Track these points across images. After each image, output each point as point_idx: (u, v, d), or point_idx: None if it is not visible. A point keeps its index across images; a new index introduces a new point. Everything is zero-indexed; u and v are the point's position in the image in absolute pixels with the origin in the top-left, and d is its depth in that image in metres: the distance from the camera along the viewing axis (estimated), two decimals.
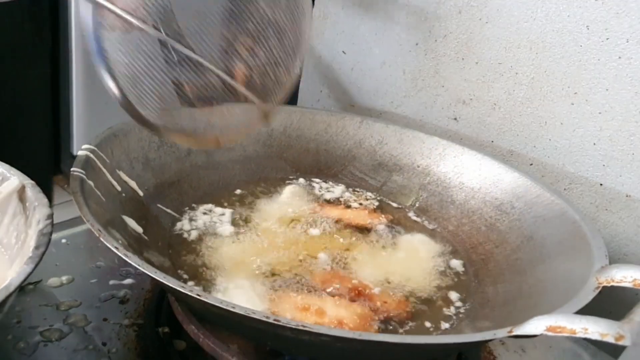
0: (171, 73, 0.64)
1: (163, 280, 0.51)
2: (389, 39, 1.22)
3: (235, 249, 0.81)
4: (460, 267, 0.86)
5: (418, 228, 0.95)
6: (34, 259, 0.57)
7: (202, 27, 0.64)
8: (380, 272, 0.81)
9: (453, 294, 0.79)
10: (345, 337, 0.48)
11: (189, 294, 0.50)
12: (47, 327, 0.73)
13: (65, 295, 0.78)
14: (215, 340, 0.68)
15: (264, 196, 0.96)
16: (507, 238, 0.86)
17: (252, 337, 0.66)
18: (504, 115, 1.06)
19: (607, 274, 0.61)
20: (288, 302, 0.70)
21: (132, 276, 0.84)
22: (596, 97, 0.94)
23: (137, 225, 0.75)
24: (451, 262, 0.86)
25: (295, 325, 0.47)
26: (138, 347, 0.72)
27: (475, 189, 0.96)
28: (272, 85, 0.70)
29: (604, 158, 0.95)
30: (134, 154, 0.84)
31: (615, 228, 0.95)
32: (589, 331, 0.47)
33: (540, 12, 0.98)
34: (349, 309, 0.70)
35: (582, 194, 0.98)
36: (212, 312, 0.55)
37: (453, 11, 1.10)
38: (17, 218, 0.69)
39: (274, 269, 0.77)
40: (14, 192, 0.69)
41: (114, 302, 0.79)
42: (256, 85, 0.69)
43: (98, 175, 0.73)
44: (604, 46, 0.92)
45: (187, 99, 0.66)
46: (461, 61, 1.11)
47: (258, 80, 0.69)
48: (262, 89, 0.69)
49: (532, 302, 0.68)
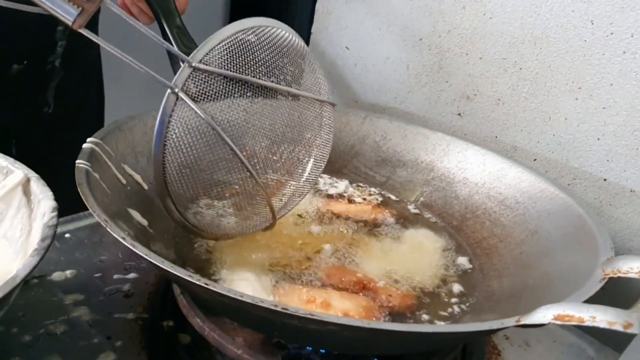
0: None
1: (170, 269, 0.51)
2: (392, 35, 1.22)
3: (240, 243, 0.81)
4: (465, 262, 0.86)
5: (422, 223, 0.95)
6: (40, 251, 0.57)
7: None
8: (385, 266, 0.81)
9: (457, 288, 0.79)
10: (353, 325, 0.48)
11: (196, 284, 0.50)
12: (52, 320, 0.72)
13: (69, 289, 0.78)
14: (221, 332, 0.68)
15: None
16: (511, 232, 0.86)
17: (259, 328, 0.66)
18: (508, 111, 1.06)
19: (613, 265, 0.61)
20: (293, 294, 0.70)
21: (136, 270, 0.84)
22: (600, 92, 0.94)
23: (142, 218, 0.75)
24: (455, 257, 0.87)
25: (303, 314, 0.47)
26: (143, 340, 0.72)
27: (479, 184, 0.96)
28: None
29: (608, 153, 0.95)
30: (138, 147, 0.84)
31: (619, 223, 0.95)
32: (597, 319, 0.47)
33: (545, 7, 0.98)
34: (354, 302, 0.70)
35: (586, 189, 0.98)
36: (219, 303, 0.55)
37: (457, 6, 1.10)
38: (21, 211, 0.69)
39: (279, 262, 0.77)
40: (18, 185, 0.69)
41: (118, 296, 0.79)
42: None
43: (103, 168, 0.73)
44: (608, 41, 0.93)
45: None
46: (465, 56, 1.11)
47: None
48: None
49: (538, 295, 0.68)
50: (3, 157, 0.71)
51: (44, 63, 1.11)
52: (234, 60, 0.67)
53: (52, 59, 1.12)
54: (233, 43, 0.67)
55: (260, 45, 0.69)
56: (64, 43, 1.11)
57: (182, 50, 0.96)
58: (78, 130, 1.20)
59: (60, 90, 1.16)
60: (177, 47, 0.96)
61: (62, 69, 1.14)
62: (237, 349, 0.67)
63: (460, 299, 0.78)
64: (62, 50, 1.12)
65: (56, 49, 1.11)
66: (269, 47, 0.70)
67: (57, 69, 1.13)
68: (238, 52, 0.67)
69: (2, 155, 0.71)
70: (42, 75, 1.13)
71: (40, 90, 1.14)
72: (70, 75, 1.16)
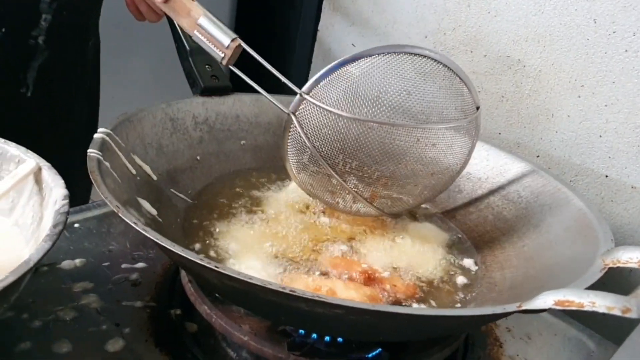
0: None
1: (181, 253, 0.52)
2: (398, 32, 1.23)
3: (246, 233, 0.82)
4: (467, 254, 0.87)
5: (426, 216, 0.96)
6: (52, 236, 0.58)
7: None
8: (389, 258, 0.82)
9: (460, 279, 0.81)
10: (359, 308, 0.49)
11: (207, 267, 0.51)
12: (61, 307, 0.74)
13: (78, 277, 0.79)
14: (228, 320, 0.70)
15: (274, 183, 0.97)
16: (514, 226, 0.88)
17: (266, 313, 0.67)
18: (511, 108, 1.07)
19: (613, 256, 0.62)
20: (299, 283, 0.71)
21: (144, 260, 0.85)
22: (603, 90, 0.96)
23: (151, 207, 0.76)
24: (458, 250, 0.88)
25: (311, 296, 0.48)
26: (151, 328, 0.73)
27: (483, 179, 0.97)
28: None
29: (610, 150, 0.96)
30: (148, 139, 0.85)
31: (620, 219, 0.97)
32: (596, 304, 0.48)
33: (548, 6, 1.00)
34: (359, 291, 0.71)
35: (587, 185, 1.00)
36: (228, 287, 0.56)
37: (462, 4, 1.11)
38: (32, 199, 0.70)
39: (284, 253, 0.78)
40: (30, 174, 0.70)
41: (127, 285, 0.80)
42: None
43: (113, 158, 0.74)
44: (610, 39, 0.94)
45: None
46: (470, 54, 1.12)
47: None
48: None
49: (540, 285, 0.69)
50: (15, 146, 0.73)
51: (26, 36, 1.03)
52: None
53: (36, 33, 1.03)
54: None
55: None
56: (49, 18, 1.03)
57: (189, 43, 0.98)
58: (61, 121, 1.16)
59: (43, 73, 1.07)
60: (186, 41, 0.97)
61: (46, 48, 1.05)
62: (244, 335, 0.68)
63: (463, 290, 0.79)
64: (47, 25, 1.03)
65: (40, 22, 1.02)
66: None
67: (41, 47, 1.05)
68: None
69: (14, 145, 0.73)
70: (23, 50, 1.04)
71: (19, 68, 1.05)
72: (57, 58, 1.08)
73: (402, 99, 0.77)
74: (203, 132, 0.96)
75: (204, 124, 0.97)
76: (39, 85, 1.07)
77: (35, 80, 1.06)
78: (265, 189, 0.95)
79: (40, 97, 1.08)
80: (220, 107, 1.00)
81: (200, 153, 0.94)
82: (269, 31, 1.82)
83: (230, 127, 1.00)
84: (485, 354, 0.80)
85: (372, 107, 0.77)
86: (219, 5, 2.07)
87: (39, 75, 1.06)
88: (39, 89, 1.08)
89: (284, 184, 0.98)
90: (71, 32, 1.10)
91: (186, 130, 0.93)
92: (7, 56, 1.02)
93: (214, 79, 0.99)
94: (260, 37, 1.88)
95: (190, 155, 0.93)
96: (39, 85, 1.07)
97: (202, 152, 0.94)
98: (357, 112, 0.77)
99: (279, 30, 1.75)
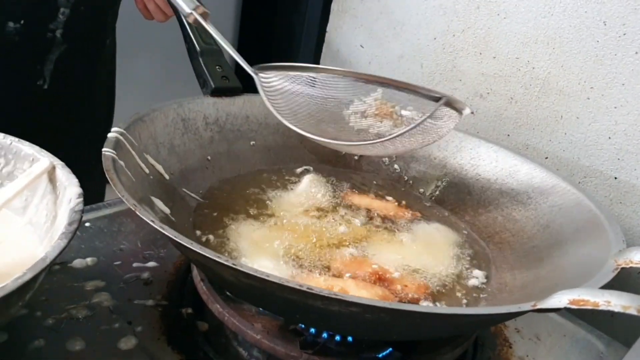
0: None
1: (198, 250, 0.52)
2: (407, 33, 1.23)
3: (258, 233, 0.82)
4: (477, 255, 0.87)
5: (436, 217, 0.96)
6: (67, 234, 0.58)
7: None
8: (400, 258, 0.82)
9: (470, 280, 0.81)
10: (376, 306, 0.49)
11: (224, 264, 0.51)
12: (74, 305, 0.74)
13: (90, 276, 0.80)
14: (240, 318, 0.70)
15: (284, 184, 0.98)
16: (523, 227, 0.88)
17: (281, 311, 0.67)
18: (520, 109, 1.08)
19: (625, 256, 0.63)
20: (311, 282, 0.71)
21: (155, 259, 0.86)
22: (612, 92, 0.96)
23: (164, 206, 0.76)
24: (468, 250, 0.88)
25: (327, 294, 0.49)
26: (162, 326, 0.74)
27: (492, 180, 0.97)
28: None
29: (619, 152, 0.96)
30: (160, 139, 0.86)
31: (629, 221, 0.97)
32: (611, 304, 0.48)
33: (558, 8, 1.00)
34: (370, 291, 0.71)
35: (596, 187, 1.00)
36: (244, 284, 0.56)
37: (471, 6, 1.11)
38: (46, 198, 0.71)
39: (296, 252, 0.79)
40: (44, 172, 0.70)
41: (138, 284, 0.81)
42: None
43: (127, 157, 0.75)
44: (620, 41, 0.94)
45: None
46: (479, 55, 1.12)
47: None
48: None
49: (551, 285, 0.69)
50: (29, 145, 0.73)
51: (44, 29, 1.04)
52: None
53: (53, 26, 1.05)
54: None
55: None
56: (67, 12, 1.04)
57: (199, 44, 0.99)
58: (79, 118, 1.18)
59: (60, 66, 1.09)
60: (196, 41, 0.98)
61: (63, 41, 1.07)
62: (256, 334, 0.68)
63: (473, 290, 0.79)
64: (65, 19, 1.05)
65: (58, 15, 1.04)
66: None
67: (58, 40, 1.06)
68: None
69: (28, 144, 0.73)
70: (41, 42, 1.05)
71: (36, 60, 1.07)
72: (74, 52, 1.10)
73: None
74: (214, 133, 0.97)
75: (215, 124, 0.97)
76: (56, 78, 1.09)
77: (52, 73, 1.08)
78: (275, 189, 0.96)
79: (57, 90, 1.10)
80: (230, 107, 1.00)
81: (211, 153, 0.95)
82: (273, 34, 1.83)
83: (240, 128, 1.01)
84: (494, 355, 0.80)
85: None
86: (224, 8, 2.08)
87: (56, 69, 1.08)
88: (56, 82, 1.09)
89: (293, 185, 0.98)
90: (88, 28, 1.12)
91: (197, 130, 0.94)
92: (24, 48, 1.04)
93: (224, 80, 1.00)
94: (265, 39, 1.89)
95: (202, 155, 0.93)
96: (56, 79, 1.09)
97: (213, 152, 0.95)
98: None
99: (284, 33, 1.76)
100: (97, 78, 1.22)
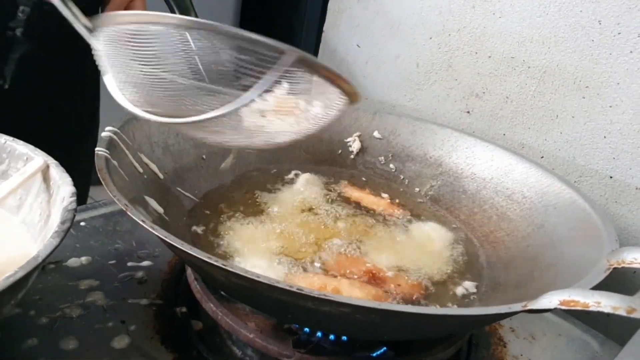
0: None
1: (190, 251, 0.52)
2: (403, 33, 1.23)
3: (252, 232, 0.82)
4: (472, 254, 0.87)
5: (430, 216, 0.96)
6: (60, 233, 0.58)
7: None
8: (394, 257, 0.82)
9: (465, 279, 0.81)
10: (365, 306, 0.49)
11: (214, 264, 0.51)
12: (68, 304, 0.74)
13: (84, 275, 0.80)
14: (234, 317, 0.70)
15: (279, 183, 0.98)
16: (518, 226, 0.88)
17: (273, 311, 0.67)
18: (516, 109, 1.08)
19: (618, 256, 0.63)
20: (305, 281, 0.72)
21: (150, 258, 0.86)
22: (607, 91, 0.96)
23: (158, 205, 0.76)
24: (462, 249, 0.88)
25: (318, 295, 0.49)
26: (156, 325, 0.74)
27: (487, 180, 0.97)
28: None
29: (614, 151, 0.96)
30: (154, 138, 0.86)
31: (624, 220, 0.97)
32: (601, 305, 0.48)
33: (553, 7, 1.00)
34: (363, 290, 0.71)
35: (592, 186, 1.00)
36: (235, 285, 0.56)
37: (467, 5, 1.11)
38: (40, 197, 0.71)
39: (290, 252, 0.79)
40: (38, 171, 0.71)
41: (133, 283, 0.81)
42: None
43: (121, 156, 0.75)
44: (615, 41, 0.94)
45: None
46: (474, 55, 1.12)
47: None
48: None
49: (544, 284, 0.69)
50: (23, 144, 0.73)
51: (4, 27, 0.99)
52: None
53: (13, 24, 0.99)
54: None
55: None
56: (27, 10, 0.99)
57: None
58: (52, 117, 1.12)
59: (22, 67, 1.03)
60: None
61: (25, 40, 1.01)
62: (249, 333, 0.68)
63: (467, 289, 0.79)
64: (25, 17, 0.99)
65: (17, 14, 0.99)
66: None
67: (19, 39, 1.01)
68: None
69: (22, 143, 0.73)
70: (0, 41, 1.00)
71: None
72: (38, 52, 1.04)
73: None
74: None
75: None
76: (18, 78, 1.04)
77: (14, 73, 1.03)
78: (269, 189, 0.96)
79: (20, 90, 1.05)
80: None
81: (205, 152, 0.94)
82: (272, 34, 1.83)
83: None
84: (489, 354, 0.80)
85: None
86: (223, 7, 2.08)
87: (18, 69, 1.04)
88: (18, 82, 1.04)
89: (288, 184, 0.98)
90: (55, 28, 0.98)
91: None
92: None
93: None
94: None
95: (196, 155, 0.93)
96: (18, 79, 1.04)
97: (208, 152, 0.95)
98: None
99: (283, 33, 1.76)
100: (78, 77, 1.17)
